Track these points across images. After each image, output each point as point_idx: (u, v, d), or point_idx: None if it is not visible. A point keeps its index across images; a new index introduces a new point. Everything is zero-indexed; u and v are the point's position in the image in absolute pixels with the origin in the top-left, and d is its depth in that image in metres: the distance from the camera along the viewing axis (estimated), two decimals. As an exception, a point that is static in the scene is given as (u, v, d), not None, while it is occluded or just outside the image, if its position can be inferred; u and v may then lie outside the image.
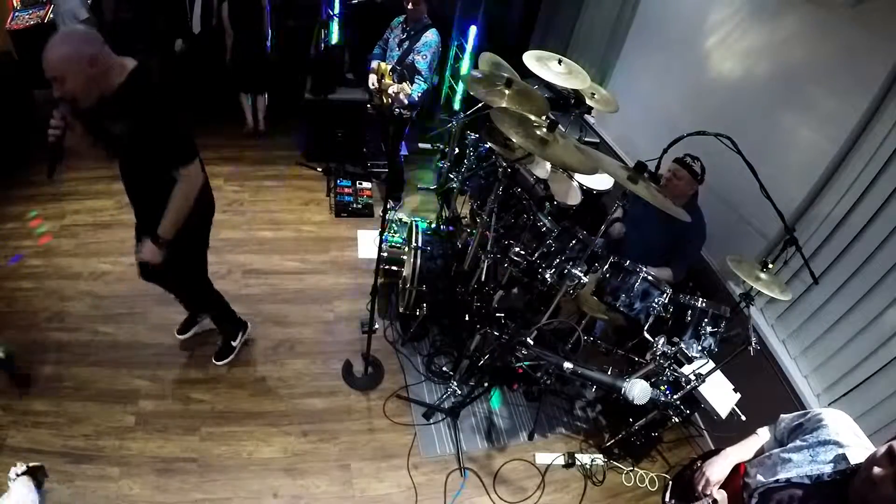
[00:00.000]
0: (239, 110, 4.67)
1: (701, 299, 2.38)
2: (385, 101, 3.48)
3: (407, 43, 3.47)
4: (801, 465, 1.24)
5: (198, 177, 2.06)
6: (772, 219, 2.33)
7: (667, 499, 1.75)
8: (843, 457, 1.20)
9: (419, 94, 3.40)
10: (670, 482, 1.79)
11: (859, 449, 1.21)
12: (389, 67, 3.52)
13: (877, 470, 1.04)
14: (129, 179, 2.14)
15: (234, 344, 2.84)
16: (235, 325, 2.84)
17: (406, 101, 3.36)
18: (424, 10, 3.41)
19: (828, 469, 1.20)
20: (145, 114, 1.86)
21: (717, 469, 1.51)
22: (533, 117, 2.36)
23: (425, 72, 3.38)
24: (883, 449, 1.07)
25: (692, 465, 1.63)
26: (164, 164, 1.97)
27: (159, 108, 1.90)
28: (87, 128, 1.92)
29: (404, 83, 3.34)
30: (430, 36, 3.38)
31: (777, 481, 1.26)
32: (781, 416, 1.49)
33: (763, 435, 1.54)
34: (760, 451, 1.52)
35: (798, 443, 1.32)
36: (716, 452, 1.59)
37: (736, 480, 1.46)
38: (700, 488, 1.52)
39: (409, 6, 3.39)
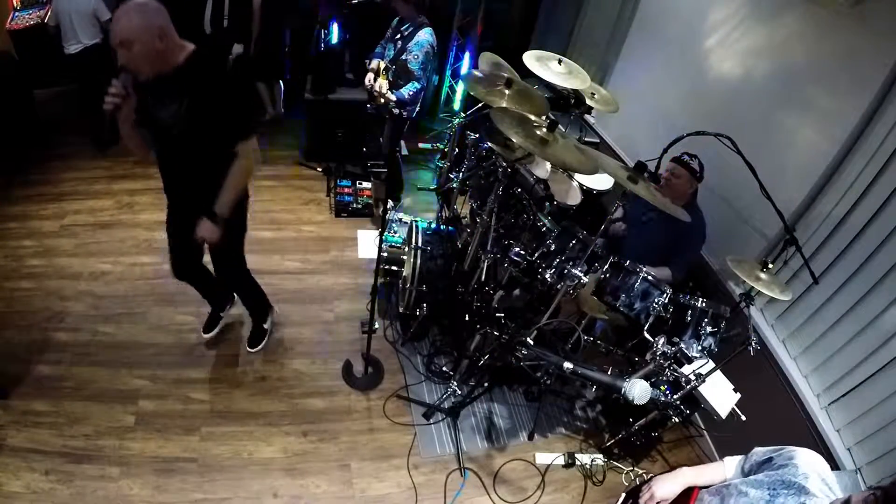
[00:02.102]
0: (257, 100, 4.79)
1: (701, 299, 2.38)
2: (381, 100, 3.49)
3: (401, 42, 3.47)
4: (756, 503, 1.15)
5: (257, 152, 2.09)
6: (772, 219, 2.33)
7: None
8: None
9: (412, 93, 3.40)
10: (623, 495, 1.65)
11: (823, 502, 1.11)
12: (384, 66, 3.53)
13: None
14: (178, 162, 2.13)
15: (265, 327, 2.89)
16: (264, 305, 2.89)
17: (394, 99, 3.36)
18: (413, 9, 3.41)
19: None
20: (209, 90, 1.90)
21: (665, 487, 1.43)
22: (533, 117, 2.36)
23: (417, 71, 3.38)
24: None
25: (648, 482, 1.52)
26: (223, 141, 2.00)
27: (223, 84, 1.96)
28: (137, 108, 1.94)
29: (384, 83, 3.35)
30: (424, 35, 3.38)
31: None
32: (756, 448, 1.38)
33: (729, 466, 1.44)
34: (723, 482, 1.40)
35: (761, 476, 1.22)
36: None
37: None
38: (643, 503, 1.44)
39: (394, 5, 3.40)
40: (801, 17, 2.54)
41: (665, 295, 2.39)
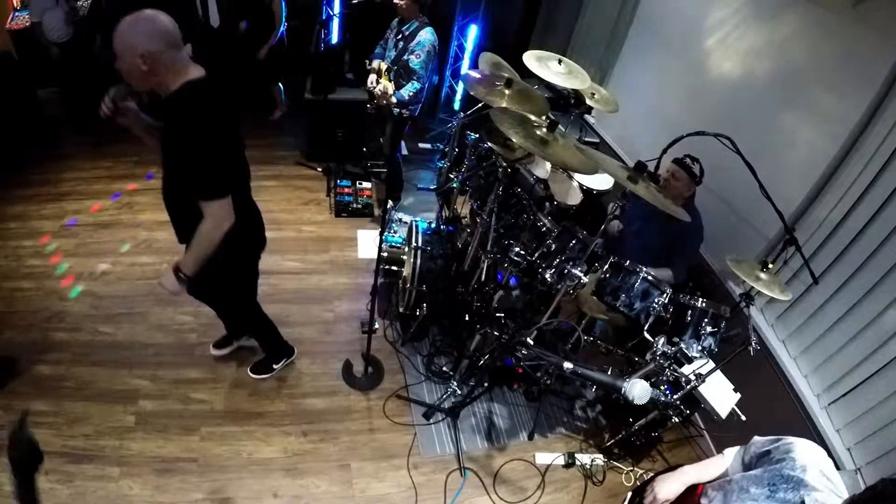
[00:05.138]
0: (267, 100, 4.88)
1: (701, 299, 2.38)
2: (384, 101, 3.49)
3: (402, 42, 3.47)
4: (757, 500, 1.14)
5: (223, 217, 1.82)
6: (772, 219, 2.33)
7: None
8: (803, 503, 1.08)
9: (412, 93, 3.39)
10: (629, 496, 1.65)
11: (824, 494, 1.09)
12: (385, 67, 3.53)
13: None
14: (165, 185, 1.99)
15: (274, 367, 2.79)
16: (280, 349, 2.79)
17: (395, 100, 3.36)
18: (416, 8, 3.41)
19: None
20: (180, 131, 1.73)
21: (668, 486, 1.41)
22: (533, 117, 2.36)
23: (419, 71, 3.38)
24: None
25: (651, 481, 1.50)
26: (187, 188, 1.82)
27: (197, 131, 1.72)
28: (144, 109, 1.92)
29: (388, 83, 3.35)
30: (425, 35, 3.37)
31: None
32: (755, 438, 1.38)
33: (728, 457, 1.43)
34: (724, 475, 1.40)
35: (760, 471, 1.21)
36: (673, 470, 1.47)
37: (691, 500, 1.36)
38: None
39: (400, 3, 3.39)
40: (801, 17, 2.54)
41: (665, 295, 2.39)
